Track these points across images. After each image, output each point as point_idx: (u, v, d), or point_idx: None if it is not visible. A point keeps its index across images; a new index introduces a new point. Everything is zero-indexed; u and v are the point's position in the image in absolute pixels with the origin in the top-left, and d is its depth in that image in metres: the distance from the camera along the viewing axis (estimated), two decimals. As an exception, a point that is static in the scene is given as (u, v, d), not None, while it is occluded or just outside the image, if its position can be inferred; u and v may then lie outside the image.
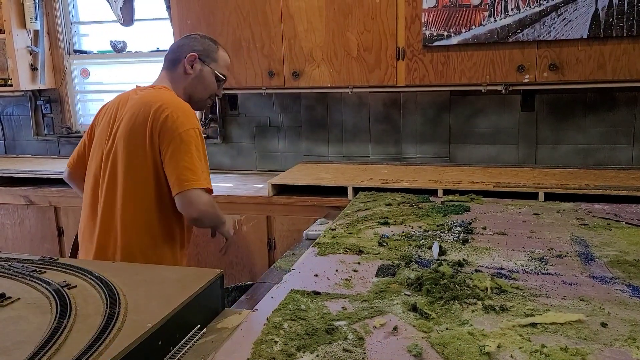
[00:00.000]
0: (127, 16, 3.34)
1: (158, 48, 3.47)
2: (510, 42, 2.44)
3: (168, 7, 2.99)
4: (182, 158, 1.51)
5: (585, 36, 2.34)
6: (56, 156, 3.65)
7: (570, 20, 2.35)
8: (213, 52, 1.75)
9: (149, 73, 3.53)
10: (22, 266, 1.25)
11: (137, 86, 1.73)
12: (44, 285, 1.13)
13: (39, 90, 3.63)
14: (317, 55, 2.69)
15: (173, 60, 1.73)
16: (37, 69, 3.45)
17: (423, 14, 2.51)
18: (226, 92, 2.97)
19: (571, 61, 2.40)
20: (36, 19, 3.39)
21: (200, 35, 1.78)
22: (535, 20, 2.39)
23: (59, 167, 3.21)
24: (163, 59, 1.79)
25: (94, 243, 1.61)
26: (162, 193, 1.58)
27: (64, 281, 1.15)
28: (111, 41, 3.51)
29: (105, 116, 1.70)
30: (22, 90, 3.50)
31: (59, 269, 1.24)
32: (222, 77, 1.76)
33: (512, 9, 2.40)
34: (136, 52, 3.53)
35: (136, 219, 1.58)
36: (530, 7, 2.38)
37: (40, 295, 1.10)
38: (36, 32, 3.44)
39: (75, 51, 3.63)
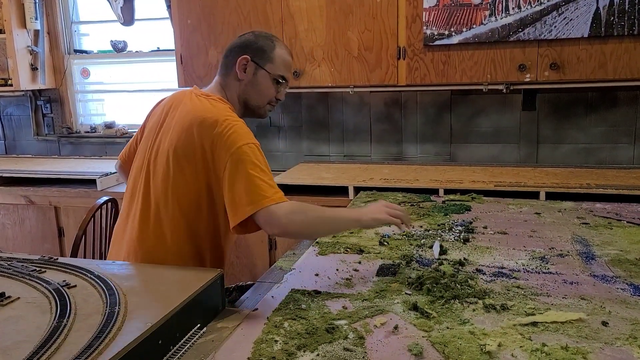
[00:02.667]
0: (127, 16, 3.34)
1: (158, 48, 3.46)
2: (511, 41, 2.44)
3: (168, 7, 2.99)
4: (239, 180, 1.31)
5: (586, 35, 2.34)
6: (56, 156, 3.65)
7: (571, 19, 2.34)
8: (269, 51, 1.52)
9: (150, 73, 3.54)
10: (22, 266, 1.25)
11: (195, 87, 1.57)
12: (44, 284, 1.13)
13: (39, 90, 3.63)
14: (318, 55, 2.69)
15: (225, 65, 1.55)
16: (37, 69, 3.45)
17: (424, 13, 2.51)
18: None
19: (572, 60, 2.39)
20: (36, 19, 3.39)
21: (254, 33, 1.57)
22: (536, 19, 2.38)
23: (59, 167, 3.21)
24: (164, 58, 1.69)
25: (124, 250, 1.49)
26: (212, 215, 1.44)
27: (63, 281, 1.15)
28: (111, 41, 3.51)
29: (156, 115, 1.56)
30: (23, 90, 3.50)
31: (59, 268, 1.24)
32: (280, 79, 1.54)
33: (513, 8, 2.40)
34: (137, 51, 3.53)
35: (177, 241, 1.44)
36: (531, 6, 2.37)
37: (40, 294, 1.10)
38: (36, 32, 3.44)
39: (76, 51, 3.63)
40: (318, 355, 0.98)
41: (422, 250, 1.58)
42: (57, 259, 1.30)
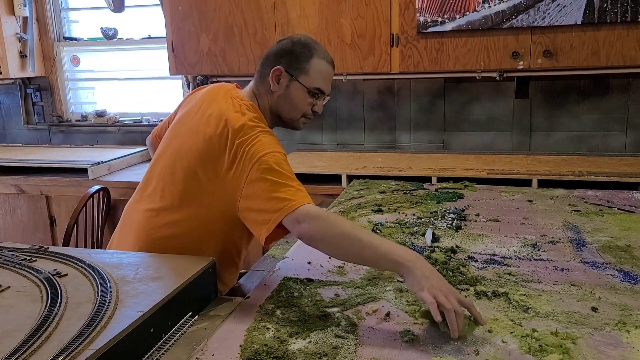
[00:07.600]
0: (117, 2, 3.29)
1: (149, 35, 3.43)
2: (504, 29, 2.43)
3: (159, -7, 2.95)
4: (263, 190, 1.24)
5: (579, 22, 2.33)
6: (47, 145, 3.62)
7: (564, 6, 2.34)
8: (304, 61, 1.40)
9: (141, 60, 3.50)
10: (12, 255, 1.24)
11: (236, 84, 1.51)
12: (35, 273, 1.13)
13: (29, 78, 3.58)
14: (310, 42, 2.66)
15: (261, 73, 1.45)
16: (26, 57, 3.40)
17: (417, -1, 2.49)
18: (218, 80, 2.94)
19: (565, 47, 2.39)
20: (25, 6, 3.34)
21: (292, 40, 1.44)
22: (529, 6, 2.37)
23: (50, 155, 3.19)
24: (155, 45, 1.59)
25: (131, 238, 1.43)
26: (227, 220, 1.36)
27: (54, 269, 1.15)
28: (102, 28, 3.46)
29: (191, 104, 1.49)
30: (12, 78, 3.46)
31: (50, 257, 1.23)
32: (316, 92, 1.43)
33: (506, -5, 2.38)
34: (127, 39, 3.49)
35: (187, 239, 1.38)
36: (524, -8, 2.36)
37: (31, 283, 1.09)
38: (25, 19, 3.39)
39: (65, 38, 3.58)
40: (310, 342, 0.99)
41: (414, 238, 1.58)
42: (48, 248, 1.29)
